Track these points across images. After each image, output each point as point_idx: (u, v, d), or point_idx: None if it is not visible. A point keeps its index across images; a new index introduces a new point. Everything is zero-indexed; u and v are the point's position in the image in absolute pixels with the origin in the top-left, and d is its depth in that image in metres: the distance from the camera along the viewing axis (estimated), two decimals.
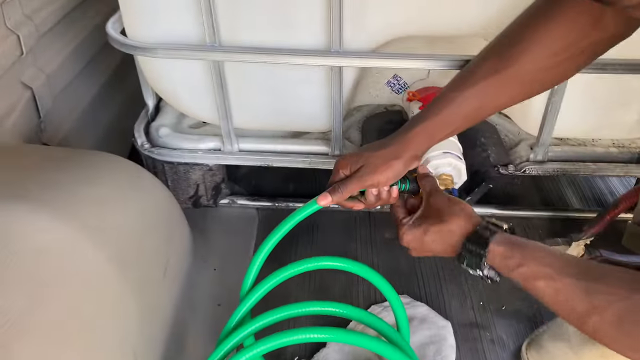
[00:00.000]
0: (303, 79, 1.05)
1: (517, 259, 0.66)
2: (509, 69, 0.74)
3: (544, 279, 0.63)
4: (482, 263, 0.69)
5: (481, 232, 0.70)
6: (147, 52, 0.98)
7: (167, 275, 0.89)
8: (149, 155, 1.14)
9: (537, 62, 0.73)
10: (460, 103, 0.78)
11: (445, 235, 0.74)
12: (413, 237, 0.77)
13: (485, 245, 0.68)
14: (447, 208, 0.75)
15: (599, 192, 1.32)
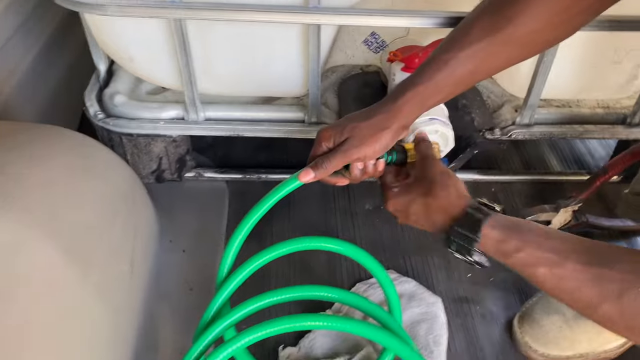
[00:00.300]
0: (275, 39, 0.95)
1: (514, 244, 0.61)
2: (505, 30, 0.68)
3: (546, 266, 0.58)
4: (472, 248, 0.63)
5: (473, 215, 0.64)
6: (95, 10, 0.85)
7: (134, 268, 0.80)
8: (103, 127, 1.02)
9: (535, 22, 0.67)
10: (453, 66, 0.70)
11: (433, 211, 0.68)
12: (399, 204, 0.72)
13: (477, 229, 0.63)
14: (438, 180, 0.70)
15: (579, 154, 1.29)
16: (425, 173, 0.72)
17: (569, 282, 0.56)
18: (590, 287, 0.55)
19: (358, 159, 0.73)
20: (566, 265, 0.56)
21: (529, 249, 0.59)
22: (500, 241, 0.61)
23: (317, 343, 0.86)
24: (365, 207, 1.12)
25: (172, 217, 1.04)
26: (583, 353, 0.85)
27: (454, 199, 0.67)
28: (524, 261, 0.59)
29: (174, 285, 0.93)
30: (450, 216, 0.66)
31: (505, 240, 0.61)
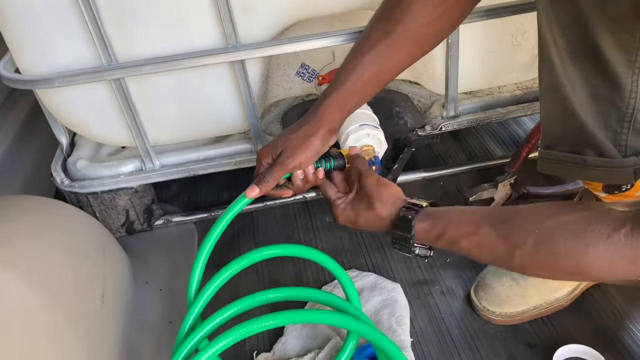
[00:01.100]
0: (210, 83, 1.06)
1: (439, 229, 0.71)
2: (396, 29, 0.78)
3: (466, 238, 0.68)
4: (411, 245, 0.73)
5: (404, 216, 0.74)
6: (43, 84, 0.96)
7: (105, 302, 0.86)
8: (70, 191, 1.11)
9: (419, 18, 0.78)
10: (360, 71, 0.80)
11: (376, 221, 0.78)
12: (347, 220, 0.81)
13: (410, 227, 0.73)
14: (375, 193, 0.79)
15: (517, 137, 1.38)
16: (364, 188, 0.80)
17: (486, 245, 0.66)
18: (501, 244, 0.64)
19: (294, 167, 0.82)
20: (480, 232, 0.66)
21: (450, 228, 0.70)
22: (428, 230, 0.72)
23: (290, 345, 0.91)
24: (326, 220, 1.19)
25: (147, 262, 1.12)
26: (536, 305, 0.91)
27: (390, 207, 0.77)
28: (449, 240, 0.70)
29: (154, 319, 0.99)
30: (388, 222, 0.76)
31: (432, 228, 0.71)
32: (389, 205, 0.77)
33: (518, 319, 0.91)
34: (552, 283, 0.90)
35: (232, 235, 1.18)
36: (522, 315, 0.91)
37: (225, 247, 1.13)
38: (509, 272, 0.93)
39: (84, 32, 0.94)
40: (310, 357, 0.88)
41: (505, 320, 0.91)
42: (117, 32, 0.95)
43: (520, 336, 0.89)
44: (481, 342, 0.89)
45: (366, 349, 0.86)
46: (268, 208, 1.25)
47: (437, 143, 1.20)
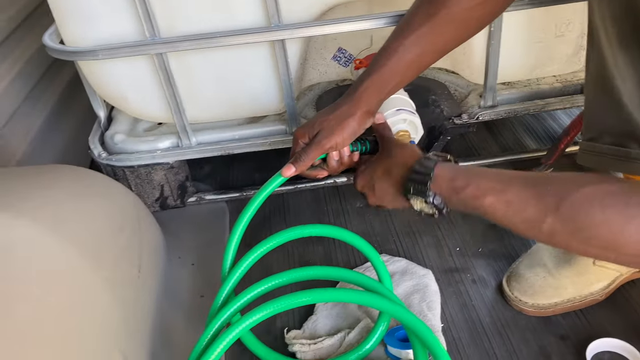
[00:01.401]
0: (249, 63, 1.06)
1: (462, 180, 0.67)
2: (441, 11, 0.78)
3: (493, 194, 0.63)
4: (427, 188, 0.69)
5: (424, 161, 0.72)
6: (87, 56, 0.98)
7: (142, 272, 0.88)
8: (107, 164, 1.13)
9: (464, 2, 0.77)
10: (402, 52, 0.80)
11: (392, 169, 0.75)
12: (364, 179, 0.80)
13: (429, 170, 0.69)
14: (395, 146, 0.79)
15: (553, 131, 1.36)
16: (384, 146, 0.80)
17: (514, 204, 0.62)
18: (533, 205, 0.60)
19: (330, 147, 0.82)
20: (510, 190, 0.62)
21: (475, 181, 0.66)
22: (450, 179, 0.68)
23: (320, 324, 0.92)
24: (356, 206, 1.19)
25: (179, 237, 1.13)
26: (570, 298, 0.90)
27: (409, 154, 0.75)
28: (473, 193, 0.65)
29: (185, 293, 1.00)
30: (407, 167, 0.73)
31: (454, 178, 0.68)
32: (407, 153, 0.76)
33: (550, 311, 0.90)
34: (587, 276, 0.89)
35: (262, 216, 1.19)
36: (554, 307, 0.90)
37: (256, 228, 1.14)
38: (542, 263, 0.92)
39: (130, 5, 0.95)
40: (340, 337, 0.88)
41: (537, 311, 0.90)
42: (161, 7, 0.96)
43: (552, 328, 0.88)
44: (512, 332, 0.88)
45: (397, 331, 0.86)
46: (299, 191, 1.25)
47: (473, 133, 1.19)
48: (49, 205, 0.73)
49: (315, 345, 0.87)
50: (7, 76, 1.22)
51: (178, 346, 0.90)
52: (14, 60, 1.26)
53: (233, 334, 0.75)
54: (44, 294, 0.60)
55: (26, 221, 0.66)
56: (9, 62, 1.25)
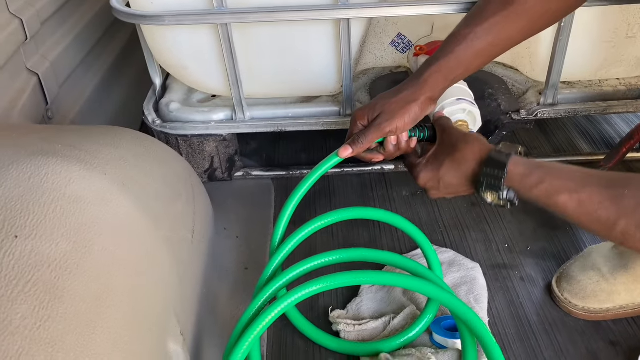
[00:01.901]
0: (311, 40, 1.06)
1: (536, 176, 0.66)
2: (515, 2, 0.76)
3: (566, 192, 0.63)
4: (501, 184, 0.68)
5: (497, 156, 0.70)
6: (154, 21, 0.98)
7: (195, 238, 0.89)
8: (161, 131, 1.14)
9: None
10: (472, 40, 0.78)
11: (461, 163, 0.73)
12: (429, 174, 0.77)
13: (503, 166, 0.68)
14: (460, 139, 0.76)
15: (608, 136, 1.33)
16: (448, 139, 0.78)
17: (588, 204, 0.61)
18: (608, 206, 0.60)
19: (390, 131, 0.81)
20: (585, 190, 0.62)
21: (549, 179, 0.65)
22: (524, 175, 0.67)
23: (364, 307, 0.91)
24: (403, 194, 1.19)
25: (226, 209, 1.14)
26: (623, 305, 0.88)
27: (478, 148, 0.73)
28: (547, 191, 0.65)
29: (231, 265, 1.01)
30: (478, 161, 0.72)
31: (528, 174, 0.67)
32: (475, 146, 0.73)
33: (601, 316, 0.88)
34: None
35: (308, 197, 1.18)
36: (606, 312, 0.88)
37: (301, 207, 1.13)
38: (596, 267, 0.90)
39: None
40: (384, 321, 0.88)
41: (587, 315, 0.89)
42: None
43: (602, 332, 0.87)
44: (560, 332, 0.87)
45: (443, 321, 0.85)
46: (345, 174, 1.25)
47: (525, 131, 1.17)
48: (117, 162, 0.74)
49: (360, 326, 0.87)
50: (66, 38, 1.23)
51: (222, 315, 0.90)
52: (74, 24, 1.28)
53: (280, 308, 0.75)
54: (113, 246, 0.61)
55: (97, 175, 0.67)
56: (69, 25, 1.26)
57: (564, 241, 1.03)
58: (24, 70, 1.10)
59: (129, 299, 0.61)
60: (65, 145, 0.73)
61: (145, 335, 0.61)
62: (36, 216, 0.57)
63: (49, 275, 0.53)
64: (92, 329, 0.52)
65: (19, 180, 0.60)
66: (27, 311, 0.49)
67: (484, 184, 0.70)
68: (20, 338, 0.47)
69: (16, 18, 1.06)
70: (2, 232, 0.53)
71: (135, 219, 0.69)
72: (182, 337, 0.71)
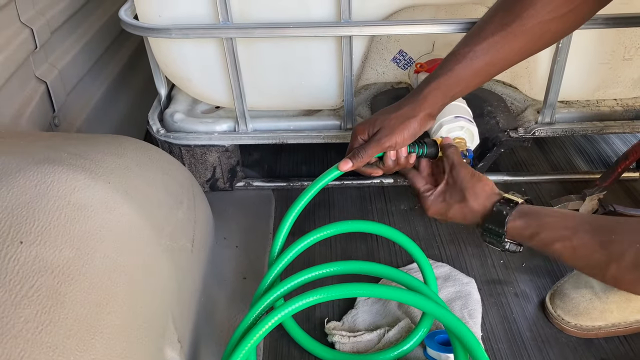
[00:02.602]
0: (314, 55, 1.08)
1: (532, 229, 0.71)
2: (515, 22, 0.78)
3: (560, 241, 0.68)
4: (502, 240, 0.74)
5: (498, 211, 0.75)
6: (161, 34, 1.01)
7: (195, 247, 0.90)
8: (165, 141, 1.16)
9: (542, 14, 0.77)
10: (471, 59, 0.80)
11: (467, 213, 0.79)
12: (437, 211, 0.82)
13: (503, 224, 0.73)
14: (469, 186, 0.79)
15: (605, 155, 1.34)
16: (456, 180, 0.81)
17: (580, 251, 0.66)
18: (598, 252, 0.64)
19: (390, 146, 0.83)
20: (576, 237, 0.66)
21: (545, 230, 0.70)
22: (522, 229, 0.72)
23: (360, 319, 0.93)
24: (401, 208, 1.20)
25: (226, 219, 1.16)
26: (615, 323, 0.89)
27: (483, 200, 0.77)
28: (542, 241, 0.70)
29: (229, 274, 1.02)
30: (481, 215, 0.77)
31: (526, 228, 0.72)
32: (482, 198, 0.78)
33: (593, 333, 0.89)
34: (636, 303, 0.88)
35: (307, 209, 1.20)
36: (598, 330, 0.89)
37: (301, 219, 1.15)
38: (589, 284, 0.92)
39: None
40: (379, 333, 0.89)
41: (579, 332, 0.90)
42: None
43: (593, 350, 0.88)
44: (552, 349, 0.88)
45: (437, 335, 0.86)
46: (345, 187, 1.26)
47: (523, 148, 1.18)
48: (121, 171, 0.76)
49: (354, 338, 0.88)
50: (75, 48, 1.26)
51: (220, 323, 0.92)
52: (82, 34, 1.31)
53: (277, 317, 0.77)
54: (115, 253, 0.63)
55: (101, 184, 0.69)
56: (78, 34, 1.29)
57: None
58: (33, 78, 1.12)
59: (128, 306, 0.62)
60: (71, 154, 0.75)
61: (143, 341, 0.63)
62: (41, 223, 0.59)
63: (52, 281, 0.55)
64: (92, 334, 0.54)
65: (26, 188, 0.62)
66: (29, 315, 0.50)
67: (487, 238, 0.76)
68: (23, 341, 0.48)
69: (27, 27, 1.09)
70: (8, 237, 0.55)
71: (137, 227, 0.71)
72: (179, 344, 0.73)
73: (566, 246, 0.67)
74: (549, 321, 0.93)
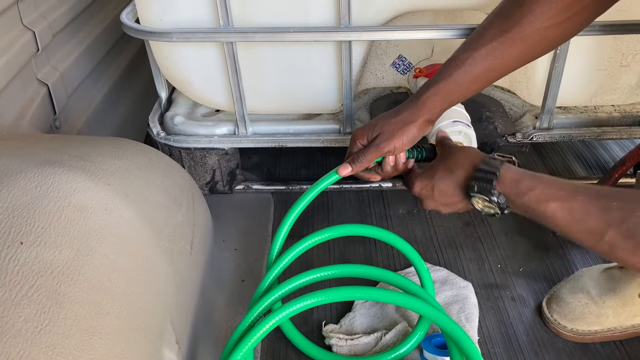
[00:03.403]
0: (313, 60, 1.09)
1: (528, 183, 0.68)
2: (514, 29, 0.77)
3: (557, 200, 0.64)
4: (492, 187, 0.70)
5: (490, 161, 0.72)
6: (162, 37, 1.02)
7: (194, 249, 0.91)
8: (165, 144, 1.17)
9: (540, 21, 0.76)
10: (470, 64, 0.80)
11: (454, 169, 0.75)
12: (423, 182, 0.79)
13: (495, 170, 0.70)
14: (457, 148, 0.79)
15: (603, 161, 1.35)
16: (444, 153, 0.81)
17: (577, 213, 0.62)
18: (597, 216, 0.61)
19: (389, 151, 0.83)
20: (575, 199, 0.63)
21: (541, 186, 0.66)
22: (516, 180, 0.68)
23: (357, 322, 0.93)
24: (399, 212, 1.21)
25: (225, 221, 1.16)
26: (611, 327, 0.89)
27: (473, 154, 0.76)
28: (537, 198, 0.66)
29: (228, 276, 1.03)
30: (471, 165, 0.73)
31: (520, 180, 0.68)
32: (469, 153, 0.76)
33: (589, 338, 0.90)
34: (632, 308, 0.88)
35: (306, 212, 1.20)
36: (594, 335, 0.90)
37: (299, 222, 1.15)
38: (586, 290, 0.92)
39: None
40: (376, 336, 0.89)
41: (575, 337, 0.90)
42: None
43: (589, 354, 0.88)
44: (548, 353, 0.88)
45: (434, 338, 0.87)
46: (344, 191, 1.27)
47: (521, 154, 1.19)
48: (121, 173, 0.76)
49: (352, 341, 0.89)
50: (76, 50, 1.27)
51: (218, 325, 0.92)
52: (84, 37, 1.32)
53: (274, 320, 0.77)
54: (114, 254, 0.63)
55: (101, 186, 0.70)
56: (80, 37, 1.30)
57: (555, 263, 1.05)
58: (34, 80, 1.13)
59: (126, 306, 0.63)
60: (72, 156, 0.75)
61: (141, 342, 0.63)
62: (41, 224, 0.59)
63: (52, 281, 0.55)
64: (90, 334, 0.55)
65: (26, 189, 0.63)
66: (29, 315, 0.51)
67: (475, 187, 0.71)
68: (22, 340, 0.49)
69: (29, 30, 1.10)
70: (9, 238, 0.56)
71: (137, 228, 0.72)
72: (177, 346, 0.73)
73: (563, 207, 0.63)
74: (545, 325, 0.93)
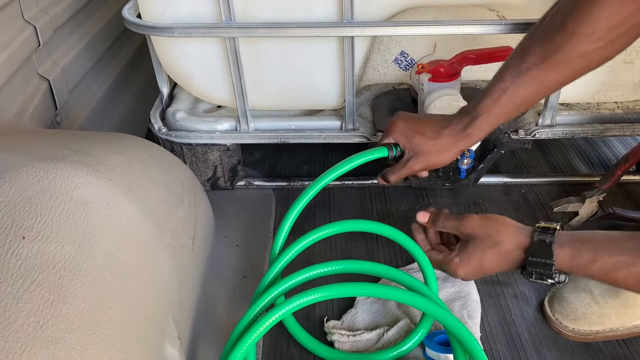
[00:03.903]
0: (316, 56, 1.09)
1: (587, 256, 0.66)
2: (556, 55, 0.74)
3: (623, 268, 0.63)
4: (552, 271, 0.69)
5: (541, 240, 0.69)
6: (164, 32, 1.01)
7: (195, 245, 0.91)
8: (166, 139, 1.16)
9: (583, 46, 0.73)
10: (512, 93, 0.78)
11: (504, 255, 0.73)
12: (469, 269, 0.76)
13: (550, 252, 0.68)
14: (492, 229, 0.74)
15: (605, 158, 1.35)
16: (471, 231, 0.76)
17: None
18: None
19: (420, 170, 0.86)
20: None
21: (602, 257, 0.65)
22: (573, 257, 0.67)
23: (359, 318, 0.93)
24: (401, 208, 1.20)
25: (227, 217, 1.16)
26: (613, 328, 0.89)
27: (516, 236, 0.72)
28: (601, 270, 0.65)
29: (230, 272, 1.03)
30: (521, 249, 0.71)
31: (577, 255, 0.67)
32: (513, 234, 0.72)
33: (591, 337, 0.89)
34: (635, 309, 0.88)
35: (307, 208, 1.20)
36: (595, 335, 0.89)
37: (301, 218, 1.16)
38: (588, 289, 0.91)
39: None
40: (378, 333, 0.89)
41: (577, 336, 0.90)
42: None
43: (592, 352, 0.88)
44: (550, 351, 0.88)
45: (437, 335, 0.87)
46: (345, 187, 1.27)
47: (523, 150, 1.19)
48: (123, 169, 0.76)
49: (354, 337, 0.88)
50: (78, 45, 1.27)
51: (220, 320, 0.92)
52: (85, 32, 1.31)
53: (277, 315, 0.77)
54: (116, 249, 0.63)
55: (103, 181, 0.69)
56: (81, 32, 1.30)
57: None
58: (36, 75, 1.13)
59: (128, 302, 0.63)
60: (73, 151, 0.75)
61: (143, 337, 0.63)
62: (43, 219, 0.59)
63: (54, 276, 0.55)
64: (92, 329, 0.54)
65: (28, 184, 0.62)
66: (31, 310, 0.51)
67: (534, 274, 0.70)
68: (24, 335, 0.49)
69: (30, 25, 1.10)
70: (11, 233, 0.56)
71: (139, 224, 0.71)
72: (179, 341, 0.73)
73: (631, 273, 0.63)
74: (547, 324, 0.93)
